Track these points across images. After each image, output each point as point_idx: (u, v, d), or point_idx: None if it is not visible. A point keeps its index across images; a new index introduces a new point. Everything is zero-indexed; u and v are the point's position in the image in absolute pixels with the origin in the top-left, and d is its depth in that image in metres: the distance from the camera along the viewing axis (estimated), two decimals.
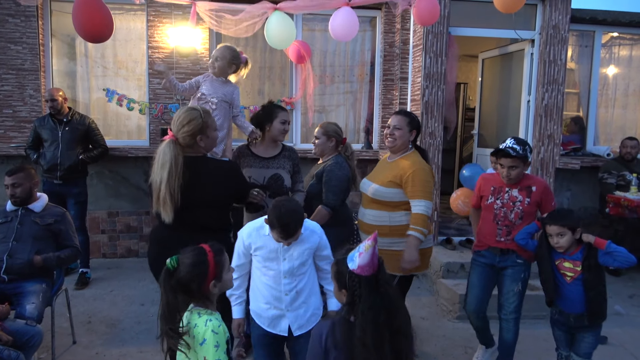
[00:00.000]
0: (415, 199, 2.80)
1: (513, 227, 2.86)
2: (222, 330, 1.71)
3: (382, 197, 2.90)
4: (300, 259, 2.18)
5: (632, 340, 3.66)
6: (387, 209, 2.91)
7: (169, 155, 2.27)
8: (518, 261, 2.90)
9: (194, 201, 2.33)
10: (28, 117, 5.06)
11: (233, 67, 3.10)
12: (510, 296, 2.92)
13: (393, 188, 2.87)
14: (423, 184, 2.82)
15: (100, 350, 3.32)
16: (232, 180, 2.49)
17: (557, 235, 2.52)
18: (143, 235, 5.39)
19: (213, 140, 2.51)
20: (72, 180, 4.49)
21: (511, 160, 2.78)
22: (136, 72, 5.41)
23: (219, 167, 2.49)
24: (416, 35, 5.04)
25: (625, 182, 5.09)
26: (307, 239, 2.20)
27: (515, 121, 5.33)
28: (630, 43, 6.00)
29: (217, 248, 1.81)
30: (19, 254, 2.98)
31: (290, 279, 2.18)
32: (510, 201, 2.88)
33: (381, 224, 2.91)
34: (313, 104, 5.56)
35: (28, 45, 5.04)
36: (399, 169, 2.89)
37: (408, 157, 2.95)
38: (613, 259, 2.44)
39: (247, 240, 2.22)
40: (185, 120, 2.35)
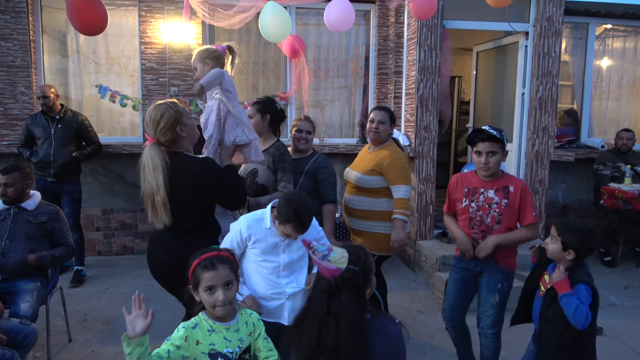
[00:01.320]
0: (395, 184, 3.09)
1: (490, 232, 2.59)
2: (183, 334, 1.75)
3: (365, 184, 3.16)
4: (299, 251, 2.20)
5: (627, 331, 3.69)
6: (370, 195, 3.18)
7: (158, 158, 2.19)
8: (495, 268, 2.63)
9: (170, 200, 2.22)
10: (20, 115, 5.02)
11: (209, 63, 2.62)
12: (488, 308, 2.67)
13: (373, 176, 3.14)
14: (401, 170, 3.12)
15: (97, 348, 3.30)
16: (200, 178, 2.25)
17: (551, 239, 2.28)
18: (138, 233, 5.37)
19: (193, 128, 2.35)
20: (65, 178, 4.46)
21: (489, 145, 2.53)
22: (129, 68, 5.37)
23: (191, 164, 2.28)
24: (410, 29, 5.02)
25: (620, 174, 5.11)
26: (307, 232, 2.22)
27: (509, 114, 5.33)
28: (623, 35, 6.01)
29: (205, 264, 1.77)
30: (12, 252, 2.96)
31: (289, 271, 2.20)
32: (486, 203, 2.60)
33: (365, 209, 3.20)
34: (309, 99, 5.55)
35: (18, 41, 4.98)
36: (379, 159, 3.15)
37: (387, 148, 3.21)
38: (565, 308, 2.13)
39: (246, 232, 2.20)
40: (157, 117, 2.22)
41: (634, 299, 4.31)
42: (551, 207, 5.55)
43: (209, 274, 1.72)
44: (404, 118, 5.25)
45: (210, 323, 1.77)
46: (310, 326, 1.58)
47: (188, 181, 2.23)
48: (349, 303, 1.56)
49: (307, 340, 1.56)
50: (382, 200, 3.15)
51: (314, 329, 1.56)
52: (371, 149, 3.28)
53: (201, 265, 1.74)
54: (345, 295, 1.56)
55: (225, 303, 1.73)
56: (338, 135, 5.78)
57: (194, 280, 1.76)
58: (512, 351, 3.21)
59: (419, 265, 4.85)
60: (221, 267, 1.74)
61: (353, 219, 3.28)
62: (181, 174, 2.23)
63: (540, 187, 5.06)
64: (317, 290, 1.60)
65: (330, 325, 1.54)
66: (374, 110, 3.27)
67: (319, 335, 1.54)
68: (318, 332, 1.55)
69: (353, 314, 1.56)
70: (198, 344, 1.73)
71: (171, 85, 5.23)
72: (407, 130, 5.13)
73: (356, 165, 3.31)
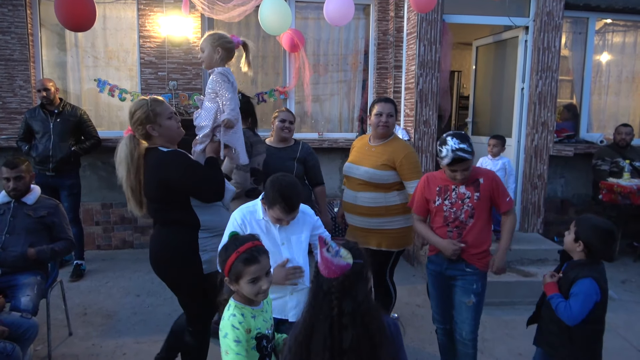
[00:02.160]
0: (411, 180, 2.98)
1: (464, 228, 2.53)
2: (243, 327, 1.72)
3: (378, 180, 3.01)
4: (298, 242, 2.18)
5: (625, 324, 3.71)
6: (382, 190, 3.04)
7: (125, 151, 2.26)
8: (467, 270, 2.55)
9: (145, 195, 2.32)
10: (18, 109, 5.00)
11: (220, 52, 2.46)
12: (463, 311, 2.57)
13: (387, 171, 3.01)
14: (415, 165, 3.05)
15: (97, 342, 3.31)
16: (160, 172, 2.23)
17: (568, 230, 2.29)
18: (137, 227, 5.37)
19: (169, 129, 2.30)
20: (64, 172, 4.46)
21: (467, 162, 2.45)
22: (127, 62, 5.35)
23: (155, 158, 2.27)
24: (410, 23, 5.01)
25: (619, 169, 5.12)
26: (302, 219, 2.23)
27: (509, 109, 5.33)
28: (623, 29, 6.00)
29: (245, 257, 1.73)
30: (12, 246, 2.96)
31: (290, 264, 2.18)
32: (458, 199, 2.54)
33: (378, 205, 3.04)
34: (310, 93, 5.53)
35: (17, 35, 4.96)
36: (390, 153, 3.02)
37: (396, 141, 3.12)
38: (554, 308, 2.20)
39: (241, 223, 2.20)
40: (132, 110, 2.27)
41: (632, 293, 4.34)
42: (550, 201, 5.56)
43: (254, 267, 1.71)
44: (403, 112, 5.25)
45: (249, 310, 1.78)
46: (320, 335, 1.47)
47: (151, 175, 2.25)
48: (365, 297, 1.50)
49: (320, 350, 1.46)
50: (393, 194, 3.04)
51: (327, 336, 1.46)
52: (376, 143, 3.13)
53: (242, 259, 1.71)
54: (360, 290, 1.50)
55: (268, 289, 1.77)
56: (337, 129, 5.78)
57: (233, 273, 1.73)
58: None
59: (417, 259, 4.86)
60: (262, 258, 1.75)
61: (363, 218, 3.09)
62: (147, 169, 2.27)
63: (539, 181, 5.07)
64: (320, 294, 1.49)
65: (346, 325, 1.45)
66: (380, 103, 3.08)
67: (332, 342, 1.45)
68: (331, 339, 1.45)
69: (372, 307, 1.51)
70: (249, 332, 1.75)
71: (170, 79, 5.22)
72: (406, 125, 5.12)
73: (362, 160, 3.11)
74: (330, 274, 1.47)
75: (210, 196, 2.30)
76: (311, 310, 1.51)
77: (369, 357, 1.46)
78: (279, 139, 3.47)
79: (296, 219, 2.20)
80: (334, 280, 1.47)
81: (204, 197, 2.28)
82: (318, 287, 1.50)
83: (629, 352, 3.34)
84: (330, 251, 1.49)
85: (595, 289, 2.13)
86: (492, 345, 3.36)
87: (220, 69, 2.46)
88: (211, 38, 2.49)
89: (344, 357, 1.45)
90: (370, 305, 1.51)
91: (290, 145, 3.50)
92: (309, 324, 1.49)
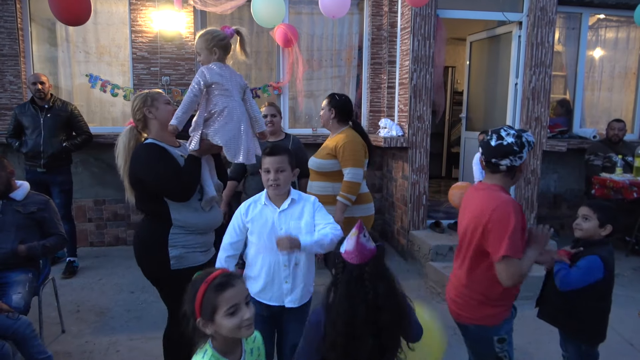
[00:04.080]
0: (346, 167, 3.17)
1: None
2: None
3: (323, 169, 3.28)
4: (297, 229, 2.18)
5: (619, 319, 3.72)
6: (329, 180, 3.27)
7: (123, 141, 2.36)
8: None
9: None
10: (8, 104, 4.95)
11: (217, 51, 2.42)
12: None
13: (330, 160, 3.25)
14: (352, 153, 3.18)
15: (90, 339, 3.29)
16: (132, 163, 2.29)
17: (584, 219, 2.34)
18: (131, 223, 5.34)
19: (165, 112, 2.34)
20: (56, 168, 4.41)
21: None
22: (119, 57, 5.30)
23: (137, 148, 2.33)
24: (404, 18, 5.00)
25: (611, 164, 5.15)
26: (300, 204, 2.24)
27: (502, 104, 5.34)
28: (616, 25, 6.02)
29: (217, 283, 1.46)
30: (2, 243, 2.92)
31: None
32: None
33: (326, 194, 3.24)
34: (303, 89, 5.51)
35: (6, 29, 4.89)
36: (334, 142, 3.27)
37: (344, 132, 3.31)
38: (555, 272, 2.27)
39: (244, 213, 2.25)
40: (133, 99, 2.40)
41: (624, 287, 4.37)
42: (543, 197, 5.58)
43: (230, 292, 1.45)
44: (397, 108, 5.24)
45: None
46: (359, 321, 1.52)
47: (130, 169, 2.32)
48: (392, 277, 1.60)
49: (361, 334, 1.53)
50: (341, 184, 3.23)
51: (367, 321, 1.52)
52: (330, 136, 3.43)
53: (213, 288, 1.45)
54: (387, 270, 1.60)
55: (252, 320, 1.49)
56: None
57: (207, 309, 1.44)
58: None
59: (411, 255, 4.87)
60: (237, 282, 1.49)
61: None
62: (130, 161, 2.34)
63: (533, 177, 5.08)
64: (353, 282, 1.54)
65: (383, 306, 1.53)
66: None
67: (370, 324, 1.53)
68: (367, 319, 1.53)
69: (398, 287, 1.62)
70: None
71: (163, 74, 5.18)
72: (400, 121, 5.12)
73: (316, 153, 3.43)
74: (362, 258, 1.55)
75: (172, 194, 2.27)
76: (346, 300, 1.55)
77: (400, 333, 1.60)
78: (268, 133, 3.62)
79: (297, 205, 2.23)
80: (365, 265, 1.55)
81: (165, 195, 2.27)
82: (349, 276, 1.56)
83: (622, 345, 3.36)
84: (366, 236, 1.57)
85: (599, 266, 2.21)
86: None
87: (204, 67, 2.40)
88: (204, 40, 2.43)
89: (382, 333, 1.54)
90: (396, 284, 1.62)
91: (282, 139, 3.60)
92: (349, 312, 1.53)
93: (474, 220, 1.97)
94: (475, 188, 2.14)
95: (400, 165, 5.15)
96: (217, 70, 2.36)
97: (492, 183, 2.04)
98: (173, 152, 2.34)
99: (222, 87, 2.34)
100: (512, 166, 1.98)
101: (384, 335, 1.55)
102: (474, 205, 2.02)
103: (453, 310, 2.16)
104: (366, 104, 5.68)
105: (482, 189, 2.05)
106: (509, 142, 1.96)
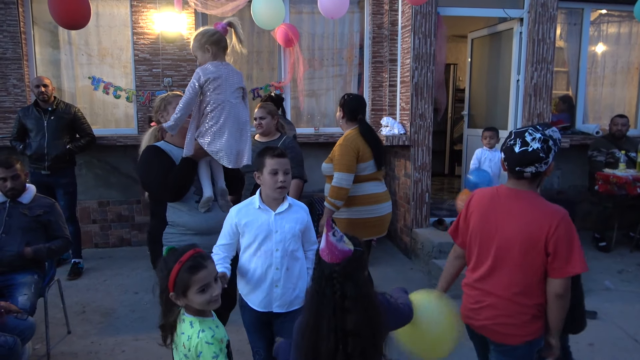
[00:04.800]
0: (335, 171, 3.22)
1: None
2: (216, 339, 1.63)
3: (327, 173, 3.35)
4: (291, 231, 2.17)
5: (621, 315, 3.73)
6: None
7: (145, 141, 2.52)
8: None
9: None
10: (12, 108, 4.98)
11: (210, 49, 2.38)
12: None
13: (329, 163, 3.32)
14: (340, 157, 3.21)
15: (96, 340, 3.32)
16: (138, 166, 2.42)
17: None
18: (135, 224, 5.36)
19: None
20: (60, 170, 4.44)
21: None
22: (122, 59, 5.32)
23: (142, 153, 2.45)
24: (404, 16, 5.00)
25: (614, 160, 5.13)
26: (295, 211, 2.23)
27: (505, 101, 5.33)
28: (618, 20, 6.00)
29: (189, 265, 1.59)
30: (8, 246, 2.95)
31: (283, 253, 2.16)
32: None
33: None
34: (304, 88, 5.52)
35: (9, 33, 4.92)
36: (334, 147, 3.34)
37: (346, 133, 3.36)
38: None
39: (236, 217, 2.20)
40: (155, 102, 2.55)
41: (628, 283, 4.36)
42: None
43: (201, 274, 1.60)
44: (399, 106, 5.24)
45: (210, 321, 1.68)
46: (325, 318, 1.54)
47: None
48: (364, 283, 1.59)
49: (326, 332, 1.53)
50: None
51: (331, 319, 1.53)
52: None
53: (186, 269, 1.59)
54: (360, 275, 1.59)
55: (219, 294, 1.66)
56: (333, 124, 5.76)
57: (180, 286, 1.59)
58: None
59: (415, 253, 4.87)
60: (208, 263, 1.64)
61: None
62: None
63: None
64: (323, 279, 1.57)
65: (349, 309, 1.53)
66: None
67: (336, 324, 1.53)
68: (335, 322, 1.53)
69: (371, 292, 1.61)
70: (222, 342, 1.66)
71: (165, 75, 5.20)
72: (402, 119, 5.12)
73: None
74: (333, 258, 1.55)
75: (157, 195, 2.39)
76: (315, 296, 1.58)
77: (369, 339, 1.55)
78: (259, 134, 3.69)
79: (293, 210, 2.21)
80: (336, 265, 1.55)
81: (152, 194, 2.43)
82: (320, 273, 1.58)
83: (625, 341, 3.36)
84: (336, 235, 1.56)
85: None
86: None
87: (198, 68, 2.39)
88: (197, 41, 2.42)
89: (347, 339, 1.52)
90: (369, 290, 1.61)
91: (273, 139, 3.63)
92: (315, 308, 1.57)
93: (526, 234, 1.84)
94: (506, 195, 1.94)
95: (402, 164, 5.15)
96: (211, 69, 2.36)
97: (523, 190, 1.91)
98: (176, 154, 2.36)
99: (217, 84, 2.34)
100: (538, 172, 1.86)
101: (350, 342, 1.52)
102: (519, 216, 1.87)
103: (498, 332, 1.94)
104: (368, 102, 5.68)
105: (521, 198, 1.90)
106: (535, 148, 1.81)
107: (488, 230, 1.94)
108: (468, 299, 2.03)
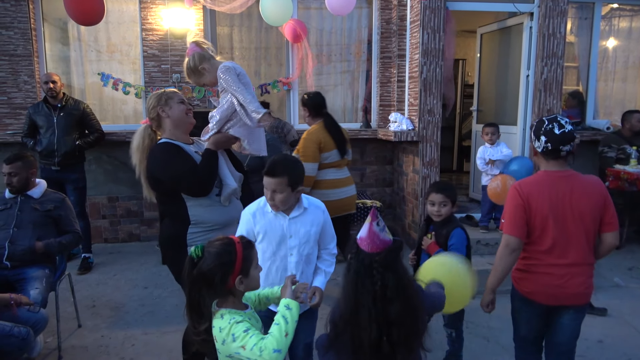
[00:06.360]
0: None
1: None
2: (245, 318, 1.63)
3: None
4: (306, 236, 2.14)
5: (632, 311, 3.70)
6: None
7: (137, 140, 2.40)
8: None
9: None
10: (23, 104, 5.02)
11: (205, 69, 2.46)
12: None
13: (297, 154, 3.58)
14: (303, 150, 3.61)
15: (106, 333, 3.36)
16: (149, 162, 2.31)
17: (441, 205, 2.64)
18: (144, 220, 5.40)
19: (178, 112, 2.38)
20: (69, 166, 4.48)
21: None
22: (130, 55, 5.35)
23: (152, 148, 2.36)
24: (413, 11, 4.97)
25: (625, 156, 5.08)
26: (311, 212, 2.17)
27: (514, 96, 5.29)
28: (630, 14, 5.92)
29: (246, 241, 1.68)
30: (20, 240, 2.99)
31: (298, 258, 2.14)
32: None
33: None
34: (313, 84, 5.51)
35: (20, 30, 4.97)
36: None
37: (310, 128, 3.73)
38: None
39: (251, 221, 2.16)
40: (149, 97, 2.44)
41: (638, 280, 4.32)
42: None
43: (255, 248, 1.72)
44: (407, 102, 5.22)
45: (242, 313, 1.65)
46: (365, 308, 1.53)
47: (146, 166, 2.35)
48: (404, 272, 1.61)
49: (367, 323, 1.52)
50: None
51: (372, 309, 1.53)
52: None
53: (247, 245, 1.66)
54: (399, 265, 1.61)
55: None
56: (341, 120, 5.75)
57: (247, 262, 1.63)
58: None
59: None
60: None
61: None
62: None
63: None
64: (362, 269, 1.56)
65: (391, 298, 1.53)
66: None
67: (377, 314, 1.53)
68: (376, 312, 1.53)
69: (411, 280, 1.64)
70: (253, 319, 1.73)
71: (173, 72, 5.22)
72: (410, 114, 5.10)
73: None
74: (373, 248, 1.56)
75: (191, 190, 2.28)
76: (354, 286, 1.58)
77: (411, 327, 1.57)
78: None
79: (308, 212, 2.16)
80: (376, 255, 1.56)
81: (184, 190, 2.29)
82: (359, 263, 1.58)
83: (636, 338, 3.33)
84: (380, 225, 1.57)
85: (465, 235, 2.61)
86: (499, 334, 3.36)
87: (222, 67, 2.41)
88: (189, 72, 2.50)
89: (391, 328, 1.54)
90: (409, 279, 1.64)
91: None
92: (353, 299, 1.57)
93: (594, 204, 2.12)
94: (560, 177, 2.16)
95: (410, 159, 5.13)
96: (235, 65, 2.44)
97: (567, 169, 2.19)
98: (188, 149, 2.36)
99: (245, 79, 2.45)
100: (570, 151, 2.15)
101: (394, 331, 1.53)
102: (582, 191, 2.12)
103: (587, 294, 2.21)
104: (376, 98, 5.66)
105: (572, 175, 2.16)
106: (569, 129, 2.12)
107: (562, 211, 2.12)
108: (551, 278, 2.16)
